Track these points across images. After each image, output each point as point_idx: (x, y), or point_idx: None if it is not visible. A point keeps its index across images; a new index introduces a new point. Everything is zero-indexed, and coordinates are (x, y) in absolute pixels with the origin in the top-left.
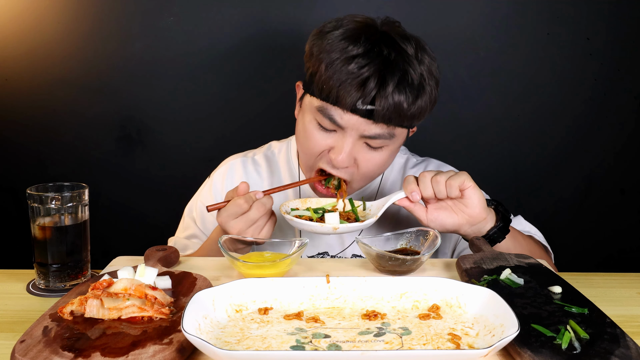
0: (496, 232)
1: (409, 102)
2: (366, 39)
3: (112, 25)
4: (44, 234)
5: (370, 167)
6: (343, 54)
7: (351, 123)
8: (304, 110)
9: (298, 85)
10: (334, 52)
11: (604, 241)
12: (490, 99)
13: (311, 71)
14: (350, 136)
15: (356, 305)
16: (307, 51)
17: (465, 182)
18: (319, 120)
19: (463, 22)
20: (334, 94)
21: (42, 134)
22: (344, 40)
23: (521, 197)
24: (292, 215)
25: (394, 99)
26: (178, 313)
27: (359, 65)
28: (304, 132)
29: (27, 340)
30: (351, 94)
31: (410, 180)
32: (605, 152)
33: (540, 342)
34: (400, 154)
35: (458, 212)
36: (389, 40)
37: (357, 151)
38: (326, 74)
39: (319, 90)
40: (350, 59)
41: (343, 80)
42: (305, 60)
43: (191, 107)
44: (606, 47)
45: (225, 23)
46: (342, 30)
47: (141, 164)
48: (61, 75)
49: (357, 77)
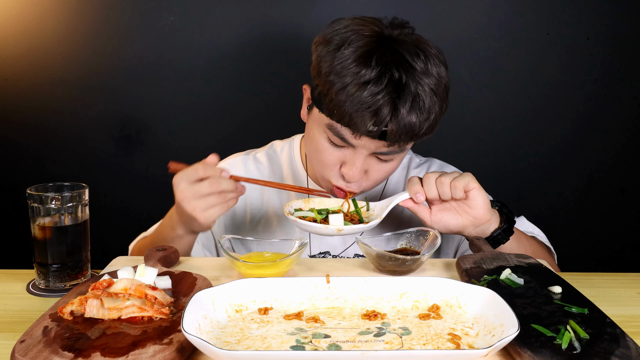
0: (500, 234)
1: (420, 121)
2: (378, 61)
3: (112, 25)
4: (44, 234)
5: (380, 175)
6: (355, 79)
7: (362, 142)
8: (313, 122)
9: (305, 89)
10: (345, 77)
11: (604, 241)
12: (490, 99)
13: (320, 90)
14: (361, 153)
15: (356, 305)
16: (314, 62)
17: (470, 183)
18: (329, 136)
19: (463, 22)
20: (346, 120)
21: (42, 134)
22: (355, 62)
23: (521, 197)
24: (296, 217)
25: (406, 121)
26: (178, 313)
27: (372, 92)
28: (315, 144)
29: (27, 340)
30: (364, 121)
31: (414, 182)
32: (605, 152)
33: (540, 342)
34: None
35: (462, 214)
36: (399, 59)
37: (367, 164)
38: (337, 98)
39: (330, 112)
40: (362, 85)
41: (356, 108)
42: (313, 73)
43: (191, 107)
44: (606, 47)
45: (225, 23)
46: (352, 49)
47: (141, 164)
48: (61, 75)
49: (371, 105)
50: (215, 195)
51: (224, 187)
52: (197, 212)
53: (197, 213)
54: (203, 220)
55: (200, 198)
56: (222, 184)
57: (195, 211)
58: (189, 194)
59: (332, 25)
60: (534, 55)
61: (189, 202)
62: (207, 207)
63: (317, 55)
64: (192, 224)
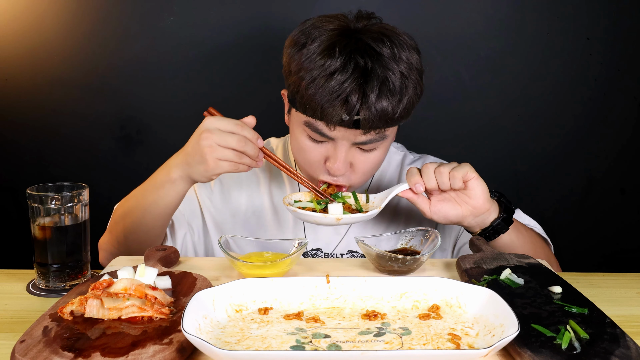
0: (500, 223)
1: (393, 105)
2: (340, 51)
3: (112, 25)
4: (44, 234)
5: (367, 167)
6: (321, 72)
7: (340, 134)
8: (293, 123)
9: (284, 94)
10: (312, 70)
11: (604, 241)
12: (490, 98)
13: (292, 88)
14: (342, 145)
15: (356, 305)
16: (285, 65)
17: (469, 173)
18: (309, 133)
19: (463, 22)
20: (319, 112)
21: (42, 134)
22: (320, 55)
23: (521, 197)
24: (296, 207)
25: (377, 107)
26: (178, 313)
27: (338, 81)
28: (297, 144)
29: (27, 340)
30: (336, 111)
31: (413, 172)
32: (605, 152)
33: (540, 342)
34: (397, 151)
35: (462, 204)
36: (364, 47)
37: (351, 156)
38: (307, 92)
39: (303, 108)
40: (329, 76)
41: (325, 99)
42: (285, 74)
43: (191, 107)
44: (606, 47)
45: (225, 23)
46: (317, 43)
47: (141, 164)
48: (61, 75)
49: (339, 94)
50: (235, 153)
51: (247, 150)
52: (210, 155)
53: (209, 156)
54: (212, 164)
55: (221, 146)
56: (247, 147)
57: (210, 154)
58: (215, 137)
59: (299, 27)
60: (534, 55)
61: (209, 143)
62: (222, 157)
63: (287, 56)
64: (198, 167)
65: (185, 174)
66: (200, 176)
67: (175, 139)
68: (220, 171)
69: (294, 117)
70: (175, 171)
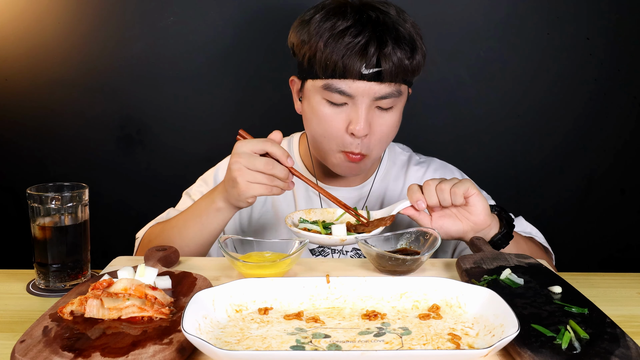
0: (501, 238)
1: (407, 56)
2: (351, 10)
3: (112, 25)
4: (44, 234)
5: (385, 130)
6: (335, 30)
7: (361, 90)
8: (309, 96)
9: (292, 80)
10: (326, 32)
11: (604, 241)
12: (491, 98)
13: (308, 55)
14: (362, 103)
15: (356, 305)
16: (295, 43)
17: (470, 189)
18: (328, 97)
19: (463, 22)
20: (340, 67)
21: (42, 134)
22: (330, 19)
23: (521, 197)
24: (300, 228)
25: (396, 55)
26: (178, 313)
27: (354, 34)
28: (316, 116)
29: (27, 340)
30: (356, 63)
31: (414, 189)
32: (605, 152)
33: (540, 342)
34: (402, 152)
35: (463, 220)
36: (372, 7)
37: (371, 117)
38: (326, 51)
39: (323, 69)
40: (343, 32)
41: (343, 52)
42: (296, 51)
43: (191, 107)
44: (606, 47)
45: (225, 23)
46: (325, 11)
47: (141, 164)
48: (61, 75)
49: (356, 45)
50: (265, 175)
51: (276, 172)
52: (241, 179)
53: (240, 179)
54: (243, 188)
55: (249, 169)
56: (276, 169)
57: (240, 177)
58: (243, 160)
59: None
60: (534, 56)
61: (239, 167)
62: (252, 180)
63: (295, 34)
64: (232, 191)
65: (227, 201)
66: (237, 201)
67: (175, 138)
68: (254, 193)
69: (310, 89)
70: (218, 199)
